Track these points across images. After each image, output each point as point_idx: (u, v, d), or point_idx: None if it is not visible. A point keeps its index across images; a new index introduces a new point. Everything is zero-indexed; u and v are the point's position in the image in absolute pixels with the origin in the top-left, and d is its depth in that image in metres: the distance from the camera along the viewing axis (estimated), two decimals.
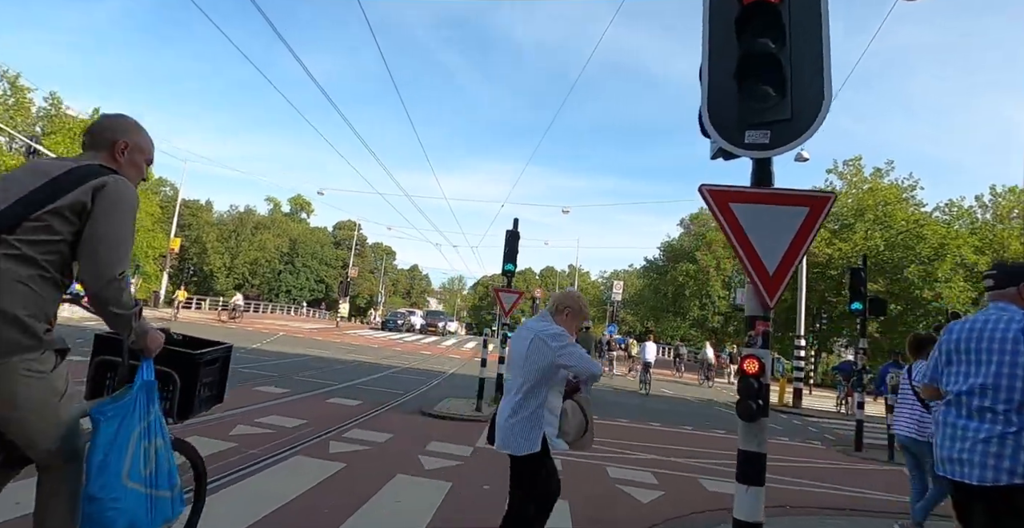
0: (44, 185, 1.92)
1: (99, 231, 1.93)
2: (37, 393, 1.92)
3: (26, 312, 1.86)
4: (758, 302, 3.02)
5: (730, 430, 11.87)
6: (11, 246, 1.85)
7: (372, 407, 9.46)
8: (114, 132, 2.17)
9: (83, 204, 1.91)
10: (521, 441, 3.23)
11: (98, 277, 1.93)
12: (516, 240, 11.17)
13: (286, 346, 20.94)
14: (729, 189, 3.09)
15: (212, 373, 2.75)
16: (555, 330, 3.33)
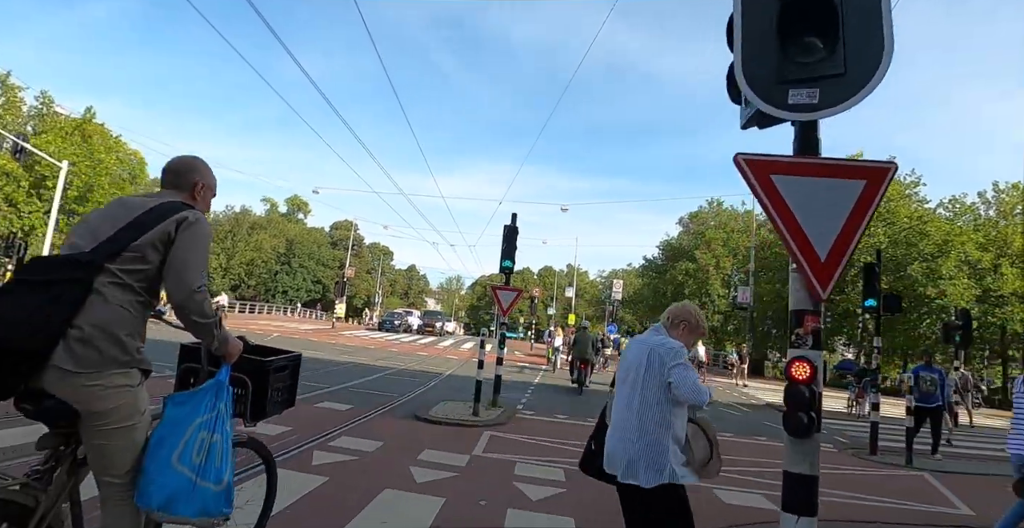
0: (136, 219, 2.15)
1: (180, 255, 2.15)
2: (124, 406, 2.10)
3: (125, 332, 2.08)
4: (807, 293, 2.52)
5: (738, 433, 11.38)
6: (113, 275, 2.08)
7: (364, 412, 8.94)
8: (195, 174, 2.44)
9: (168, 234, 2.14)
10: (650, 471, 2.73)
11: (181, 290, 2.13)
12: (514, 235, 10.68)
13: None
14: (771, 159, 2.59)
15: (283, 379, 2.98)
16: (673, 345, 2.91)
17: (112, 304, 2.06)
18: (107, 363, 2.04)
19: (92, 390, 2.03)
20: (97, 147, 39.55)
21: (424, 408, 9.78)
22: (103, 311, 2.04)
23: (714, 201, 56.51)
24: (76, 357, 1.98)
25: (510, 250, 10.59)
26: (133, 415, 2.15)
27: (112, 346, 2.05)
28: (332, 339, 28.07)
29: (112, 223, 2.17)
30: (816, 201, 2.52)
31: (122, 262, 2.10)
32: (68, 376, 1.99)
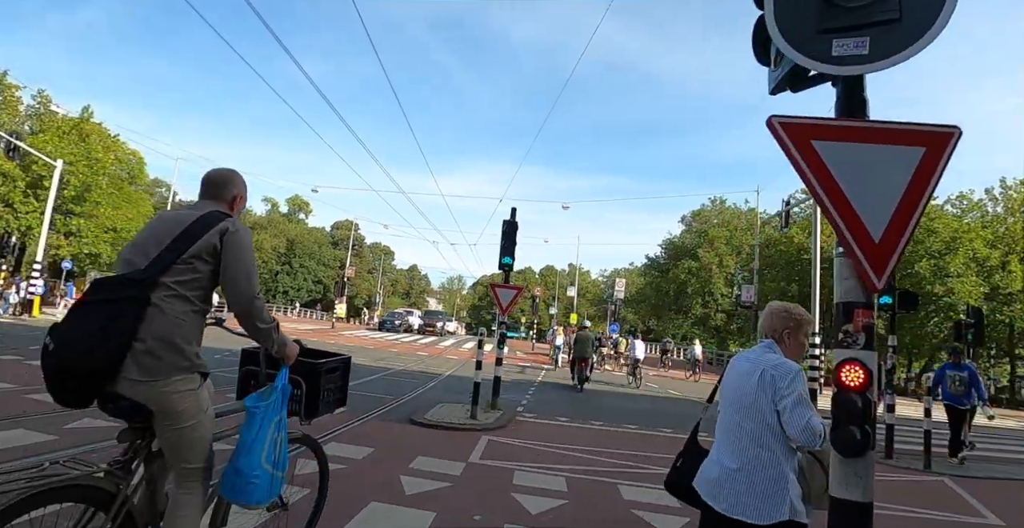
0: (182, 233, 2.27)
1: (232, 266, 2.30)
2: (189, 407, 2.28)
3: (183, 341, 2.23)
4: (858, 281, 2.09)
5: None
6: (168, 288, 2.21)
7: (357, 415, 8.51)
8: (233, 187, 2.59)
9: (214, 246, 2.28)
10: (766, 506, 2.30)
11: (242, 300, 2.32)
12: (514, 231, 10.25)
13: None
14: (813, 122, 2.16)
15: (334, 380, 3.18)
16: (790, 367, 2.44)
17: (169, 316, 2.22)
18: (170, 371, 2.22)
19: (160, 395, 2.22)
20: (95, 146, 39.18)
21: (420, 411, 9.36)
22: (162, 323, 2.19)
23: (717, 199, 56.08)
24: (143, 367, 2.16)
25: (510, 246, 10.16)
26: (197, 414, 2.34)
27: (173, 355, 2.22)
28: (332, 339, 27.63)
29: (158, 240, 2.30)
30: (868, 172, 2.09)
31: (174, 274, 2.24)
32: (137, 384, 2.18)
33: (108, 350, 2.10)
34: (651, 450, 8.52)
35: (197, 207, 2.47)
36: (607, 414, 11.96)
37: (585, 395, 15.83)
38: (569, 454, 7.54)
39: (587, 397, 15.30)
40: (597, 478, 6.31)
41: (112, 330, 2.11)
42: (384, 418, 8.77)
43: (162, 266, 2.24)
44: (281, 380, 2.60)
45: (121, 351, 2.13)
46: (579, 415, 11.31)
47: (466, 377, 15.03)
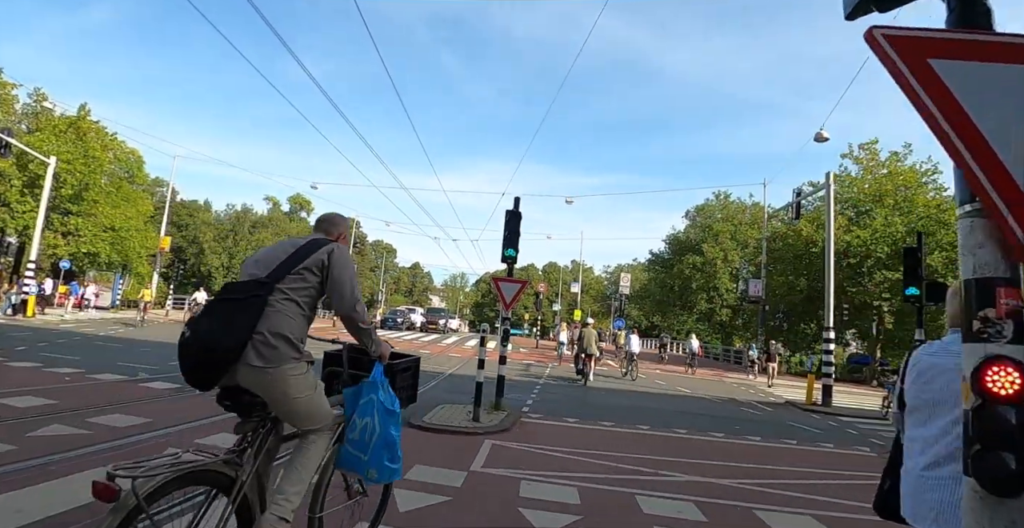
0: (297, 251, 2.77)
1: (338, 278, 2.76)
2: (301, 387, 2.64)
3: (294, 335, 2.63)
4: (997, 248, 1.50)
5: (766, 437, 10.35)
6: (283, 292, 2.65)
7: None
8: (341, 227, 3.14)
9: (322, 261, 2.75)
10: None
11: (346, 305, 2.78)
12: (518, 221, 9.67)
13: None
14: (932, 35, 1.58)
15: (406, 379, 3.41)
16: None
17: (283, 314, 2.60)
18: (283, 359, 2.55)
19: (274, 380, 2.54)
20: (91, 145, 38.66)
21: (419, 413, 8.80)
22: (276, 319, 2.57)
23: (721, 193, 55.43)
24: (260, 355, 2.50)
25: (513, 238, 9.59)
26: (307, 390, 2.67)
27: (285, 345, 2.56)
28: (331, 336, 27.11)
29: (277, 256, 2.75)
30: (1009, 102, 1.51)
31: (288, 282, 2.64)
32: (256, 370, 2.51)
33: (232, 339, 2.47)
34: (667, 453, 7.96)
35: (309, 237, 2.96)
36: (617, 414, 11.39)
37: (592, 393, 15.29)
38: (580, 460, 6.97)
39: (594, 395, 14.75)
40: (612, 488, 5.74)
41: (236, 323, 2.49)
42: None
43: (279, 275, 2.67)
44: (377, 375, 2.99)
45: (243, 340, 2.48)
46: (588, 415, 10.75)
47: (468, 376, 14.47)
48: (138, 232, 43.76)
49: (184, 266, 72.30)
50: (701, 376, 25.38)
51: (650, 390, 17.76)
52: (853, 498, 6.23)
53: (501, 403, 9.60)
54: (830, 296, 17.23)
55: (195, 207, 76.09)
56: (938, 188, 33.08)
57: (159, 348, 15.85)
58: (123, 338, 17.98)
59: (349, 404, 2.99)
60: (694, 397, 16.93)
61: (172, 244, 69.39)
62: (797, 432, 11.60)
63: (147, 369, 11.07)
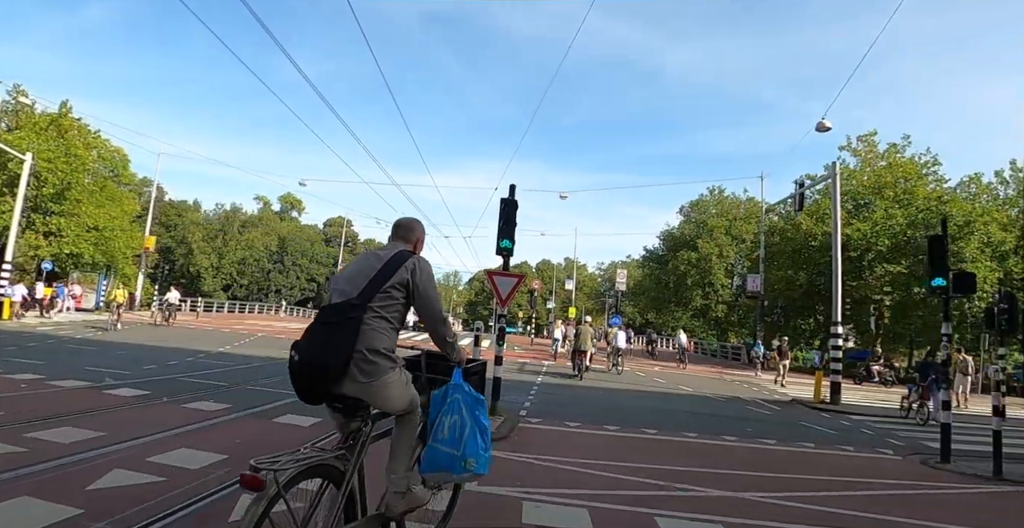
0: (382, 268, 2.95)
1: (423, 293, 2.99)
2: (398, 389, 2.93)
3: (388, 349, 2.87)
4: None
5: (782, 441, 9.68)
6: (374, 311, 2.86)
7: (331, 428, 7.23)
8: (418, 232, 3.31)
9: (406, 279, 2.95)
10: None
11: (434, 319, 3.08)
12: (513, 210, 8.95)
13: (259, 348, 18.74)
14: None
15: (475, 381, 3.55)
16: None
17: (376, 331, 2.84)
18: (382, 371, 2.83)
19: (377, 391, 2.85)
20: (73, 142, 37.70)
21: None
22: (371, 337, 2.82)
23: (715, 188, 54.86)
24: (363, 371, 2.79)
25: (509, 228, 8.87)
26: (401, 388, 2.95)
27: (382, 359, 2.84)
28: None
29: (364, 273, 2.96)
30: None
31: (377, 301, 2.88)
32: (359, 384, 2.79)
33: (336, 358, 2.72)
34: (680, 461, 7.26)
35: (389, 248, 3.12)
36: (620, 416, 10.70)
37: (592, 393, 14.61)
38: (587, 472, 6.26)
39: (594, 395, 14.07)
40: (627, 508, 5.02)
41: (337, 343, 2.75)
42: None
43: (369, 295, 2.86)
44: (457, 377, 3.21)
45: (345, 358, 2.73)
46: (590, 418, 10.04)
47: None
48: (123, 232, 42.85)
49: (173, 267, 71.23)
50: (701, 373, 24.75)
51: (652, 389, 17.10)
52: (889, 509, 5.55)
53: (497, 407, 8.87)
54: (838, 289, 16.58)
55: (184, 207, 74.97)
56: (938, 180, 32.58)
57: (136, 351, 15.09)
58: (99, 341, 17.17)
59: (435, 406, 3.17)
60: (698, 396, 16.27)
61: (160, 244, 68.65)
62: (812, 433, 10.94)
63: (116, 374, 10.29)
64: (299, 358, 2.77)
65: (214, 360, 14.34)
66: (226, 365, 13.51)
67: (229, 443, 6.01)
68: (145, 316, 31.78)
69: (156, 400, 8.25)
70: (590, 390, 15.40)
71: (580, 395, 13.88)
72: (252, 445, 6.07)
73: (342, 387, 2.76)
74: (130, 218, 44.03)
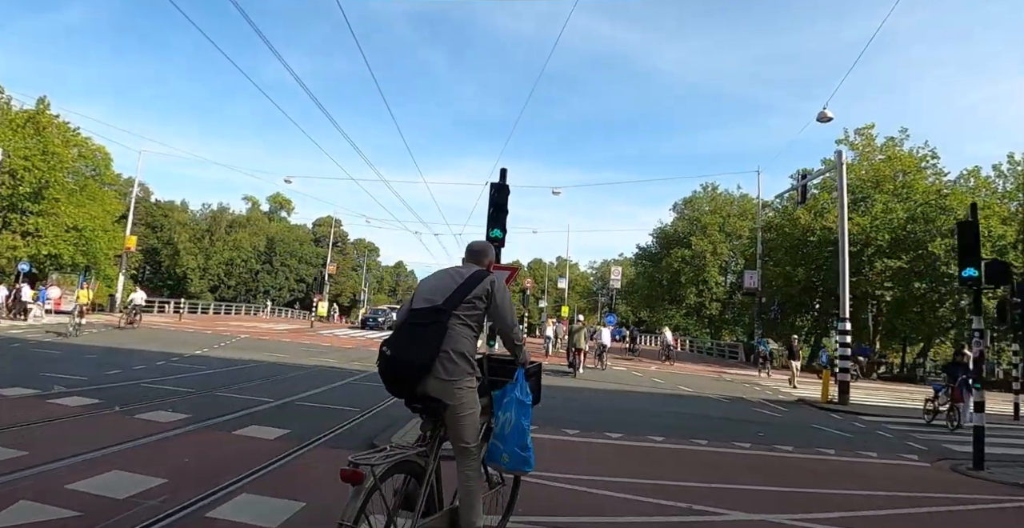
0: (466, 282, 3.24)
1: (500, 305, 3.28)
2: (469, 400, 3.13)
3: (469, 353, 3.13)
4: None
5: (799, 447, 8.88)
6: (458, 318, 3.14)
7: (298, 442, 6.36)
8: (489, 255, 3.60)
9: (487, 291, 3.24)
10: None
11: (508, 327, 3.38)
12: (504, 196, 8.11)
13: (240, 351, 17.83)
14: None
15: (533, 382, 3.72)
16: None
17: (460, 335, 3.12)
18: (462, 373, 3.08)
19: (455, 390, 3.05)
20: (51, 140, 36.57)
21: (389, 430, 7.23)
22: (455, 340, 3.09)
23: (708, 185, 54.19)
24: (446, 369, 3.03)
25: (499, 216, 8.04)
26: (474, 406, 3.17)
27: (464, 361, 3.09)
28: (308, 339, 25.45)
29: (447, 286, 3.24)
30: None
31: (462, 309, 3.15)
32: (442, 382, 3.03)
33: (425, 356, 3.00)
34: (697, 476, 6.45)
35: (466, 268, 3.45)
36: (623, 421, 9.91)
37: (590, 395, 13.82)
38: (593, 493, 5.41)
39: (593, 397, 13.29)
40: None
41: (427, 343, 3.03)
42: (335, 443, 6.57)
43: (455, 303, 3.16)
44: (520, 376, 3.46)
45: (432, 356, 3.01)
46: (591, 424, 9.21)
47: None
48: (105, 232, 41.75)
49: (159, 268, 69.93)
50: (700, 373, 24.01)
51: (651, 390, 16.30)
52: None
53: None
54: (846, 283, 15.83)
55: (170, 207, 73.65)
56: (937, 173, 31.99)
57: (106, 355, 14.22)
58: (66, 345, 16.21)
59: (496, 404, 3.43)
60: (700, 397, 15.49)
61: (146, 245, 67.47)
62: (827, 437, 10.17)
63: (71, 381, 9.38)
64: (391, 354, 3.05)
65: (188, 364, 13.44)
66: (200, 369, 12.63)
67: (174, 463, 5.15)
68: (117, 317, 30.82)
69: (105, 410, 7.36)
70: (585, 391, 14.59)
71: (576, 397, 13.01)
72: (200, 465, 5.20)
73: (426, 385, 3.02)
74: (112, 218, 42.83)
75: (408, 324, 3.16)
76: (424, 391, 3.02)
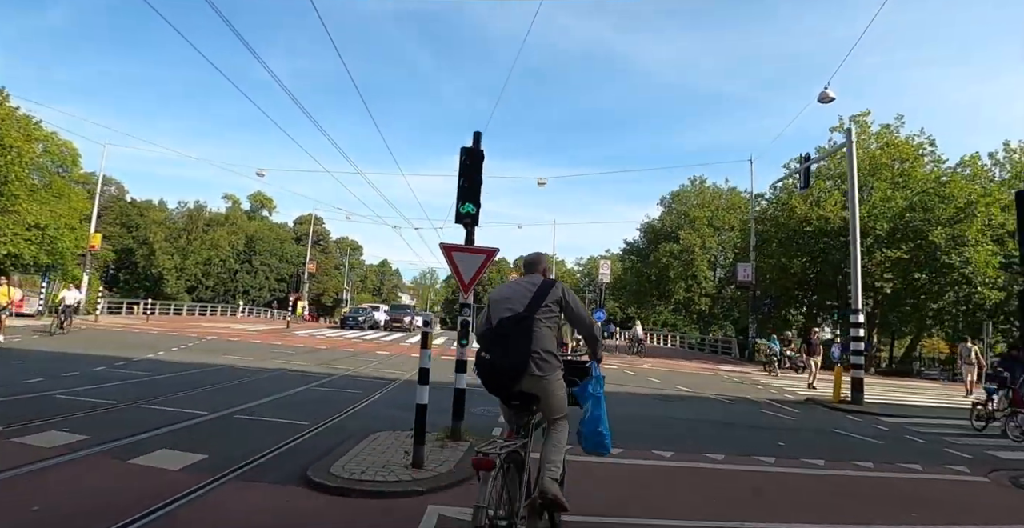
0: (538, 291, 3.67)
1: (576, 310, 3.76)
2: (560, 388, 3.63)
3: (553, 351, 3.57)
4: None
5: (832, 461, 7.54)
6: (540, 321, 3.57)
7: (213, 472, 4.90)
8: (545, 264, 4.09)
9: (560, 298, 3.70)
10: None
11: (587, 326, 3.84)
12: (478, 162, 6.67)
13: (200, 354, 16.32)
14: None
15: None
16: None
17: (545, 337, 3.56)
18: (552, 369, 3.55)
19: (547, 384, 3.53)
20: (11, 134, 34.64)
21: (335, 452, 5.79)
22: (542, 341, 3.53)
23: (696, 179, 53.09)
24: (539, 367, 3.48)
25: (472, 188, 6.59)
26: (561, 388, 3.65)
27: (552, 359, 3.54)
28: (280, 340, 23.82)
29: (524, 296, 3.66)
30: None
31: (541, 313, 3.59)
32: (537, 378, 3.50)
33: (519, 358, 3.45)
34: (726, 505, 5.09)
35: (533, 278, 3.86)
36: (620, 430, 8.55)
37: None
38: None
39: None
40: None
41: (520, 346, 3.48)
42: (256, 475, 5.05)
43: (535, 308, 3.60)
44: (595, 370, 3.92)
45: (526, 358, 3.46)
46: None
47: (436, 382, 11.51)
48: (72, 231, 39.88)
49: (135, 269, 67.69)
50: (695, 370, 22.70)
51: (646, 391, 14.94)
52: None
53: (460, 430, 6.63)
54: (857, 270, 14.58)
55: (146, 206, 71.42)
56: (936, 160, 30.89)
57: (37, 361, 12.65)
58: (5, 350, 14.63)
59: (579, 398, 3.84)
60: (700, 398, 14.17)
61: (121, 246, 65.28)
62: (855, 445, 8.86)
63: None
64: (490, 359, 3.51)
65: (131, 369, 11.92)
66: (142, 375, 11.13)
67: (19, 511, 3.71)
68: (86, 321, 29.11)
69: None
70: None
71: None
72: (47, 519, 3.75)
73: (522, 384, 3.50)
74: (80, 216, 40.90)
75: (499, 333, 3.57)
76: (520, 388, 3.50)
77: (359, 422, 7.53)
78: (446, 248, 6.41)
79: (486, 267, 6.45)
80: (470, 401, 7.01)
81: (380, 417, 8.00)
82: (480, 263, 6.42)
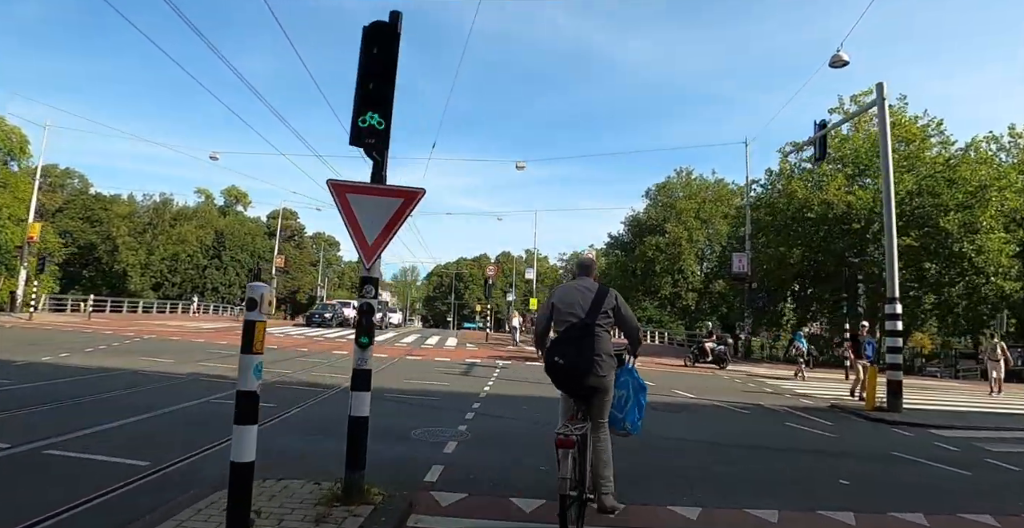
0: (596, 296, 4.28)
1: (626, 314, 4.38)
2: (612, 385, 4.29)
3: (609, 352, 4.19)
4: None
5: (931, 512, 5.09)
6: (600, 326, 4.19)
7: None
8: (595, 268, 4.78)
9: (614, 303, 4.30)
10: None
11: (634, 330, 4.61)
12: (392, 48, 4.11)
13: (114, 356, 13.81)
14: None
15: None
16: None
17: (603, 340, 4.17)
18: (611, 368, 4.21)
19: (608, 382, 4.21)
20: None
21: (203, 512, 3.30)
22: (603, 344, 4.14)
23: (683, 170, 50.96)
24: (602, 367, 4.09)
25: (380, 85, 4.00)
26: (612, 389, 4.35)
27: (611, 359, 4.20)
28: (226, 340, 21.05)
29: (583, 302, 4.24)
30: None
31: (599, 319, 4.19)
32: (599, 377, 4.10)
33: (587, 360, 4.04)
34: None
35: (587, 282, 4.47)
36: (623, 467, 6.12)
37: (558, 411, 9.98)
38: None
39: None
40: None
41: (586, 350, 4.08)
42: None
43: (594, 315, 4.19)
44: (628, 364, 4.67)
45: (591, 359, 4.04)
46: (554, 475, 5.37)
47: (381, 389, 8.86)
48: (19, 223, 37.00)
49: (98, 264, 64.20)
50: (691, 370, 20.35)
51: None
52: None
53: (362, 482, 4.08)
54: (894, 253, 12.12)
55: (111, 200, 67.82)
56: (944, 142, 28.75)
57: None
58: None
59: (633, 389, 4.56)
60: (706, 405, 11.75)
61: (84, 241, 61.85)
62: (943, 481, 6.46)
63: None
64: (563, 362, 4.05)
65: (8, 378, 9.35)
66: (14, 384, 8.63)
67: None
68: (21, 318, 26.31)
69: None
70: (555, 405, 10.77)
71: (541, 419, 8.93)
72: None
73: (589, 381, 4.07)
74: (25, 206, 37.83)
75: (567, 339, 4.14)
76: (586, 384, 4.10)
77: (212, 470, 4.90)
78: (338, 187, 3.90)
79: (403, 218, 3.95)
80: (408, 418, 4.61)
81: (270, 450, 5.46)
82: (393, 211, 3.91)
